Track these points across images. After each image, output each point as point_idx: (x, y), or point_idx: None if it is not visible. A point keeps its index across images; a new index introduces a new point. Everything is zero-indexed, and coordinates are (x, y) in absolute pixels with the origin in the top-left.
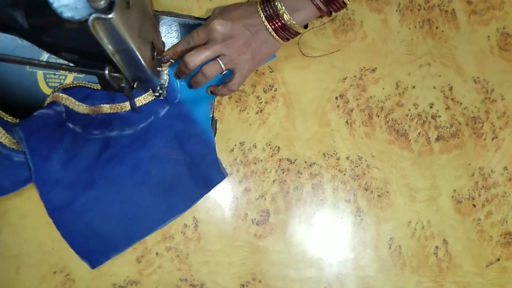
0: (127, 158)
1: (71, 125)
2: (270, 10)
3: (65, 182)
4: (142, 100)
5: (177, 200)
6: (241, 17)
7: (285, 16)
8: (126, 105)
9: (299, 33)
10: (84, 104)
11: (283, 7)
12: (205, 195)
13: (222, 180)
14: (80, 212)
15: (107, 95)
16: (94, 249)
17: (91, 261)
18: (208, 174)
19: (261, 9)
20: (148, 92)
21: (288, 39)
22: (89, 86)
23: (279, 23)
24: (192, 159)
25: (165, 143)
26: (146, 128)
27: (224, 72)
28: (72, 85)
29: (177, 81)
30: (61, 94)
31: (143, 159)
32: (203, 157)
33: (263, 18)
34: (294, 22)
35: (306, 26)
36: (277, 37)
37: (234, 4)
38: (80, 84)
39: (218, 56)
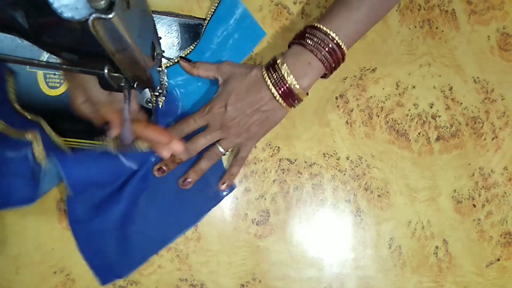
0: (136, 175)
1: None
2: (276, 75)
3: (92, 198)
4: None
5: (187, 215)
6: (238, 100)
7: (293, 86)
8: None
9: (302, 100)
10: None
11: (291, 75)
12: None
13: (230, 192)
14: (97, 231)
15: None
16: (108, 267)
17: (103, 279)
18: (216, 187)
19: (268, 76)
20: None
21: (294, 106)
22: None
23: (285, 88)
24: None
25: None
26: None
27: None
28: None
29: (177, 90)
30: None
31: (151, 176)
32: (211, 170)
33: (271, 86)
34: (302, 91)
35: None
36: (285, 104)
37: (239, 77)
38: None
39: (218, 140)
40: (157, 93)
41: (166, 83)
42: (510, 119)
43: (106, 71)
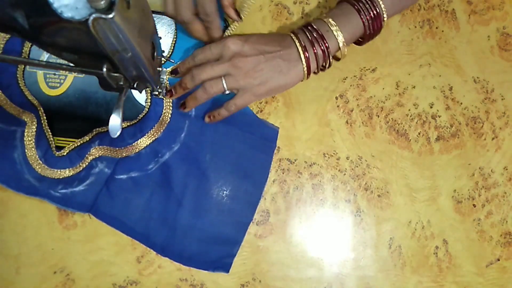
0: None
1: (123, 176)
2: (315, 33)
3: (155, 217)
4: (146, 140)
5: (255, 175)
6: (258, 42)
7: (338, 36)
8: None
9: (329, 65)
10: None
11: (339, 31)
12: None
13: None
14: (187, 232)
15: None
16: (218, 256)
17: (224, 268)
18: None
19: (304, 32)
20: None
21: (315, 73)
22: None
23: (321, 47)
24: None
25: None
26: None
27: (227, 93)
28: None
29: (182, 136)
30: (96, 148)
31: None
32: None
33: (298, 45)
34: (343, 41)
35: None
36: (305, 68)
37: (261, 33)
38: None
39: (224, 75)
40: (157, 93)
41: (167, 83)
42: (510, 119)
43: (105, 70)
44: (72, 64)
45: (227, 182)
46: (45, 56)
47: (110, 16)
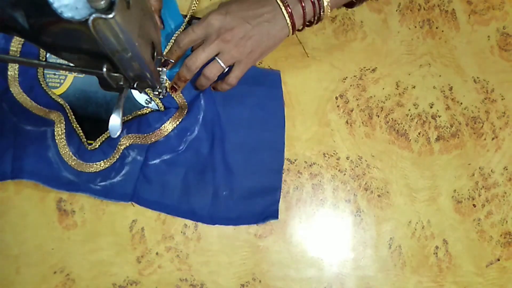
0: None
1: (156, 161)
2: None
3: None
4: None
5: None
6: (239, 10)
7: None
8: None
9: (320, 20)
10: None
11: None
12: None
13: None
14: (228, 194)
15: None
16: (264, 206)
17: (273, 215)
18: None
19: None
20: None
21: (300, 30)
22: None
23: (308, 3)
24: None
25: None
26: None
27: (226, 70)
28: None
29: (201, 102)
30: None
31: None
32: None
33: (279, 1)
34: (328, 9)
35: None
36: (290, 25)
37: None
38: (137, 114)
39: (217, 54)
40: (157, 93)
41: (166, 83)
42: (510, 119)
43: (105, 70)
44: (72, 64)
45: (248, 136)
46: (45, 56)
47: (110, 16)
